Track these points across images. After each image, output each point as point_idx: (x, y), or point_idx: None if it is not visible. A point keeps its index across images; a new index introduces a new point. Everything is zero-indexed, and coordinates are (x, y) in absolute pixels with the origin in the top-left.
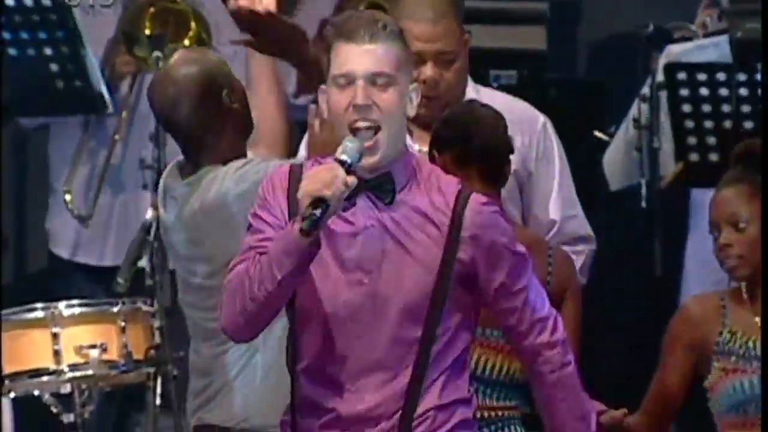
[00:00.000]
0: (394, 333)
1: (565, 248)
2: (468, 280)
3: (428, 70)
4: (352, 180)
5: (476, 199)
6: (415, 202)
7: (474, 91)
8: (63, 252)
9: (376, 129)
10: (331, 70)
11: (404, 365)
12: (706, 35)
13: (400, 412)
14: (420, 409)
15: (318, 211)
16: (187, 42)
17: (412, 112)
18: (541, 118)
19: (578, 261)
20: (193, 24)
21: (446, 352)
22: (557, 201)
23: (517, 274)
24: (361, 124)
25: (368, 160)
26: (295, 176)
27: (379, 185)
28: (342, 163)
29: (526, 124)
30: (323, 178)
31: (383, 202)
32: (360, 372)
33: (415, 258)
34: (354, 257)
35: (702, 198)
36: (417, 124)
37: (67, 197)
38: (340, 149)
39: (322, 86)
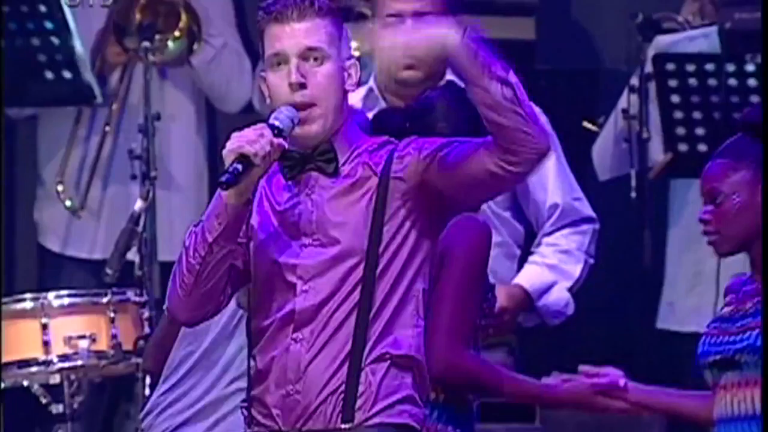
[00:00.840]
0: (338, 280)
1: (569, 229)
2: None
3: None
4: (279, 141)
5: (403, 143)
6: (356, 170)
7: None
8: (53, 245)
9: (311, 104)
10: (265, 53)
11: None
12: (693, 28)
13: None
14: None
15: (239, 166)
16: (177, 33)
17: (351, 87)
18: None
19: (585, 239)
20: (183, 15)
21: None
22: (557, 185)
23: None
24: (297, 98)
25: (306, 131)
26: None
27: (322, 157)
28: (272, 127)
29: None
30: (248, 135)
31: (326, 173)
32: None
33: (351, 208)
34: (299, 221)
35: (682, 189)
36: (399, 98)
37: (59, 188)
38: (273, 115)
39: (261, 72)
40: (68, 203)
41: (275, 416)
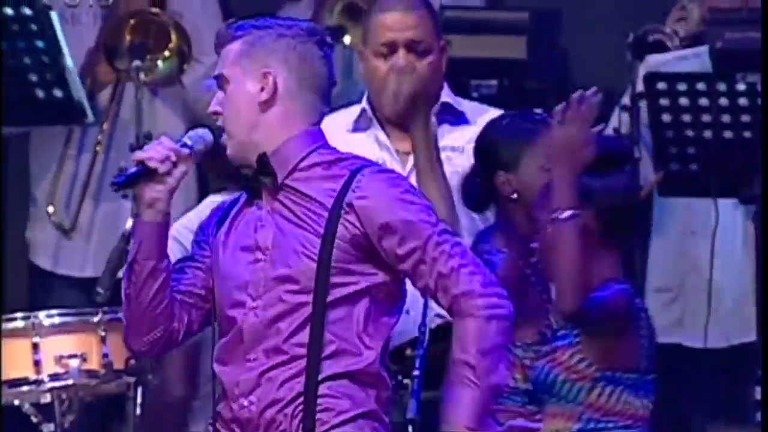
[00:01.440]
0: (287, 297)
1: None
2: (363, 247)
3: (400, 59)
4: (183, 151)
5: (366, 172)
6: (302, 186)
7: (449, 97)
8: (44, 263)
9: (222, 129)
10: None
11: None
12: (681, 40)
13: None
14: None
15: (133, 169)
16: (167, 53)
17: (266, 96)
18: None
19: None
20: (173, 35)
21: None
22: None
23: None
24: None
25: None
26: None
27: (261, 171)
28: (184, 144)
29: None
30: (149, 145)
31: (269, 187)
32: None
33: (302, 229)
34: (253, 240)
35: (666, 203)
36: (391, 123)
37: (50, 209)
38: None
39: None
40: (59, 223)
41: (234, 430)
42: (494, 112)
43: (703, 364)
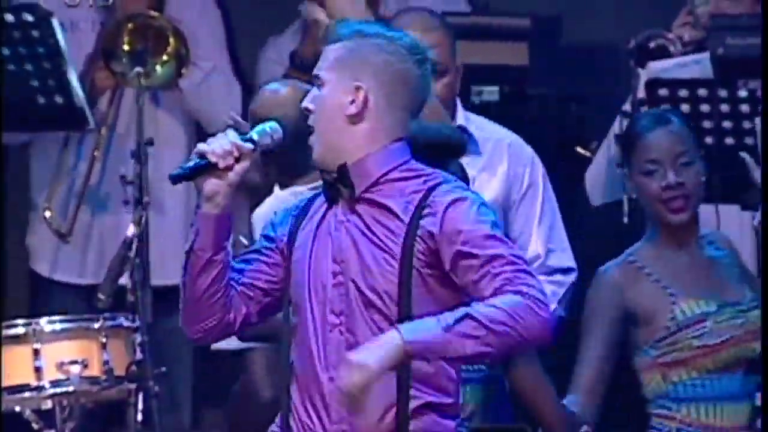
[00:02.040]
0: (372, 317)
1: (542, 278)
2: (436, 265)
3: None
4: (246, 146)
5: (441, 189)
6: (380, 199)
7: (463, 119)
8: (42, 269)
9: (311, 130)
10: None
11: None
12: (683, 45)
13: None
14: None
15: (193, 161)
16: (165, 57)
17: (354, 110)
18: (529, 149)
19: (557, 291)
20: (171, 39)
21: None
22: (540, 234)
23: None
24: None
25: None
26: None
27: (340, 180)
28: (246, 138)
29: (515, 155)
30: (216, 137)
31: (346, 197)
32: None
33: (379, 247)
34: (330, 248)
35: None
36: None
37: (47, 214)
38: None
39: None
40: (56, 228)
41: None
42: (498, 131)
43: None
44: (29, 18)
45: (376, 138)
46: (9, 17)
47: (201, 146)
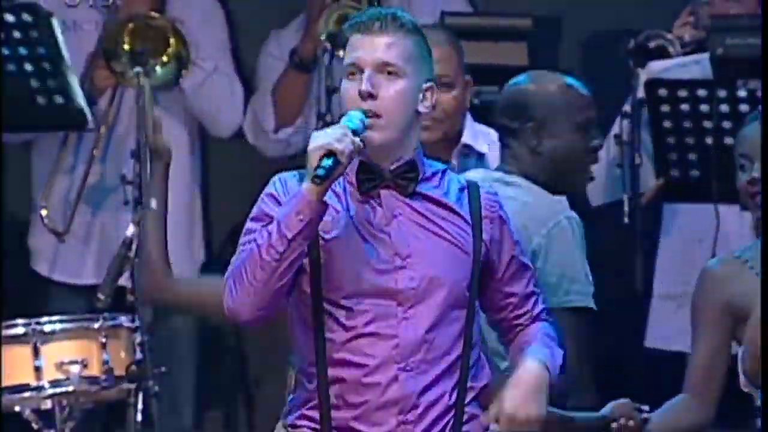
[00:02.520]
0: (441, 315)
1: None
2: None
3: None
4: (358, 141)
5: (483, 189)
6: (431, 194)
7: (471, 137)
8: (42, 269)
9: (376, 115)
10: (344, 62)
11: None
12: (684, 46)
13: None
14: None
15: (331, 161)
16: (165, 58)
17: (424, 109)
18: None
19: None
20: (172, 40)
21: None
22: None
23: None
24: (364, 107)
25: (369, 138)
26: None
27: (404, 174)
28: (355, 130)
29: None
30: (333, 133)
31: (403, 193)
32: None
33: (449, 242)
34: (388, 244)
35: (671, 210)
36: None
37: (44, 212)
38: (344, 118)
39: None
40: (52, 227)
41: None
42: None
43: None
44: (29, 18)
45: (418, 138)
46: (9, 17)
47: (332, 146)
